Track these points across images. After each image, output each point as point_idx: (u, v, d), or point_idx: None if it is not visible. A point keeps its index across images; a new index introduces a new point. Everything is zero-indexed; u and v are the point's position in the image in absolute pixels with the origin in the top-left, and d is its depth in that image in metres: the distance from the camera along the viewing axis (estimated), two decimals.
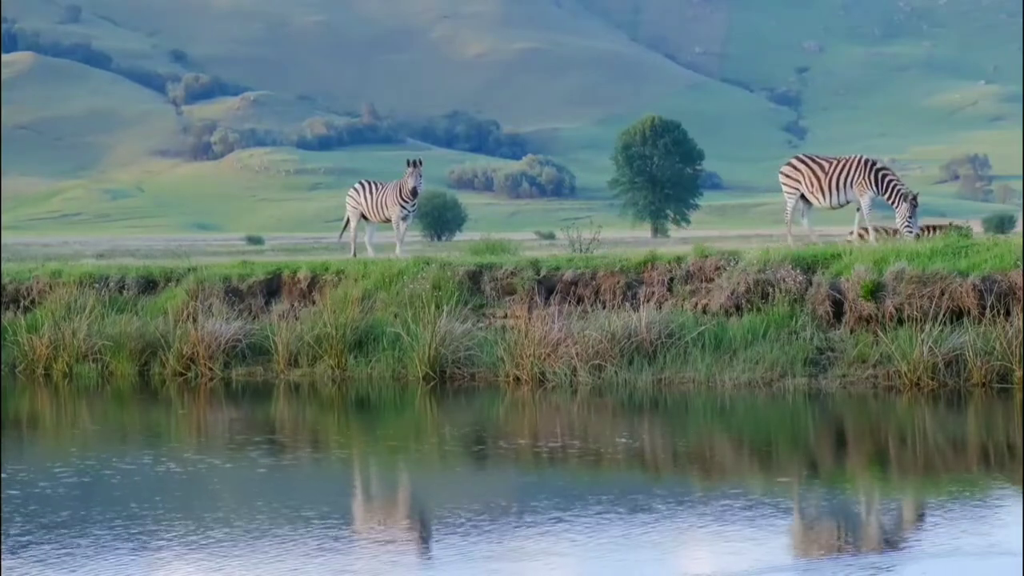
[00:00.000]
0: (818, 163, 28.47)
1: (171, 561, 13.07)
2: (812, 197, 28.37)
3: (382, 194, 30.88)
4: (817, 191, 28.22)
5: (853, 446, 19.87)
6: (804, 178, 28.36)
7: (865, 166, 28.13)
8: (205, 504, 15.95)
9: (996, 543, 13.20)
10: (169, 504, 15.73)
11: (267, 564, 12.80)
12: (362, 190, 31.28)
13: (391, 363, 26.52)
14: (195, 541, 13.75)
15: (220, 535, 14.01)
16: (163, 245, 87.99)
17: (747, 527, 14.05)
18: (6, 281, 31.35)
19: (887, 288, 24.46)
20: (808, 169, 28.41)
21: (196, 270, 30.46)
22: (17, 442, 21.07)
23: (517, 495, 16.54)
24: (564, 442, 19.90)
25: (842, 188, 28.08)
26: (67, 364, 28.66)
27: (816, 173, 28.29)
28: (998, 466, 17.85)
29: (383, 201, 30.77)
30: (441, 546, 13.64)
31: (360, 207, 31.13)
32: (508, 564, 12.82)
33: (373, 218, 31.16)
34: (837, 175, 28.08)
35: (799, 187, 28.44)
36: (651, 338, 25.02)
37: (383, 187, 31.08)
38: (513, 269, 27.61)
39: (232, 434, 21.50)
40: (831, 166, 28.26)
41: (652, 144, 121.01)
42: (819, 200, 28.31)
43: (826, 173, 28.19)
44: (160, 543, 13.70)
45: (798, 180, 28.46)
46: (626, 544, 13.42)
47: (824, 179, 28.16)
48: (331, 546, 13.50)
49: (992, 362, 23.31)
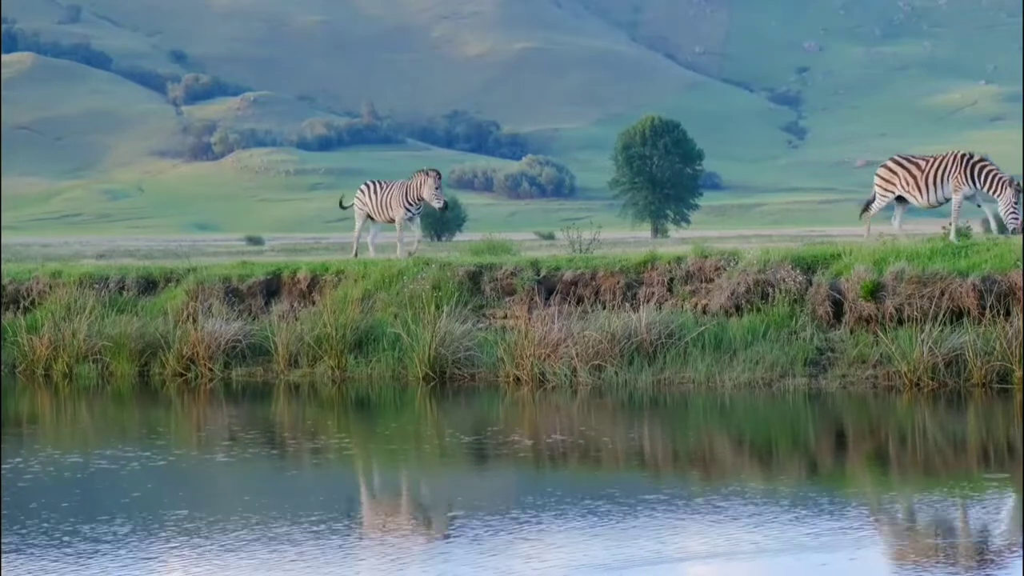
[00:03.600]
0: (914, 162, 28.27)
1: (171, 561, 13.06)
2: (910, 196, 28.14)
3: (387, 193, 30.76)
4: (914, 190, 27.99)
5: (853, 446, 19.87)
6: (900, 179, 28.12)
7: (961, 161, 27.81)
8: (205, 504, 15.95)
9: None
10: (169, 504, 15.73)
11: (267, 564, 12.80)
12: (367, 190, 31.16)
13: (391, 363, 26.52)
14: (196, 541, 13.75)
15: (221, 535, 14.00)
16: (163, 245, 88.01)
17: (747, 527, 14.04)
18: (6, 281, 31.35)
19: (887, 288, 24.46)
20: (904, 170, 28.18)
21: (196, 270, 30.46)
22: (17, 442, 21.07)
23: (517, 495, 16.54)
24: (564, 442, 19.90)
25: (939, 185, 27.78)
26: (67, 364, 28.66)
27: (912, 172, 28.05)
28: (998, 466, 17.85)
29: (388, 201, 30.66)
30: (441, 546, 13.64)
31: (366, 207, 31.01)
32: (508, 564, 12.81)
33: (378, 218, 31.04)
34: (934, 173, 27.83)
35: (895, 188, 28.23)
36: (651, 338, 25.02)
37: (389, 186, 30.95)
38: (513, 269, 27.61)
39: (232, 434, 21.49)
40: (927, 164, 28.05)
41: (652, 144, 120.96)
42: (917, 199, 28.09)
43: (923, 172, 27.94)
44: (160, 543, 13.70)
45: (893, 182, 28.23)
46: (626, 544, 13.42)
47: (921, 178, 27.89)
48: (331, 546, 13.50)
49: (992, 362, 23.31)
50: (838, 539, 13.60)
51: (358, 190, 31.55)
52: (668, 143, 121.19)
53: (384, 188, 30.95)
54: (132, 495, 16.44)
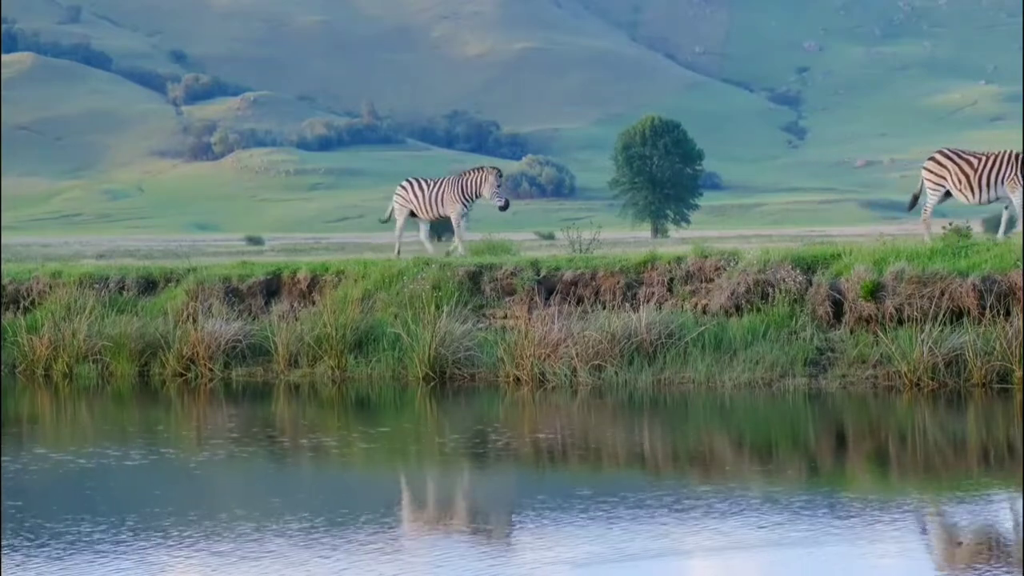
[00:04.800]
0: (965, 159, 27.29)
1: (171, 561, 13.06)
2: (959, 194, 27.26)
3: (437, 190, 30.51)
4: (965, 188, 27.09)
5: (853, 446, 19.86)
6: (951, 174, 27.18)
7: (1017, 161, 27.00)
8: (206, 504, 15.95)
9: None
10: (169, 504, 15.73)
11: (268, 564, 12.80)
12: (410, 187, 30.89)
13: (391, 363, 26.52)
14: (195, 541, 13.75)
15: (221, 535, 14.00)
16: (163, 245, 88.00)
17: (747, 527, 14.05)
18: (6, 281, 31.34)
19: (887, 288, 24.46)
20: (955, 165, 27.22)
21: (196, 270, 30.46)
22: (17, 442, 21.06)
23: (517, 495, 16.54)
24: (564, 442, 19.90)
25: (993, 185, 26.91)
26: (67, 364, 28.65)
27: (964, 169, 27.11)
28: (998, 466, 17.85)
29: (439, 198, 30.32)
30: (441, 545, 13.64)
31: (409, 204, 30.75)
32: (508, 563, 12.81)
33: (424, 215, 30.76)
34: (988, 171, 26.94)
35: (944, 183, 27.30)
36: (651, 338, 25.01)
37: (437, 183, 30.68)
38: (513, 269, 27.61)
39: (232, 434, 21.48)
40: (980, 162, 27.11)
41: (652, 144, 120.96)
42: (967, 197, 27.21)
43: (975, 169, 27.04)
44: (160, 543, 13.70)
45: (944, 176, 27.28)
46: (626, 544, 13.42)
47: (973, 176, 27.00)
48: (330, 546, 13.49)
49: (992, 362, 23.31)
50: (838, 539, 13.60)
51: (399, 187, 31.28)
52: (668, 143, 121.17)
53: (431, 185, 30.63)
54: (132, 495, 16.44)
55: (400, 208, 30.84)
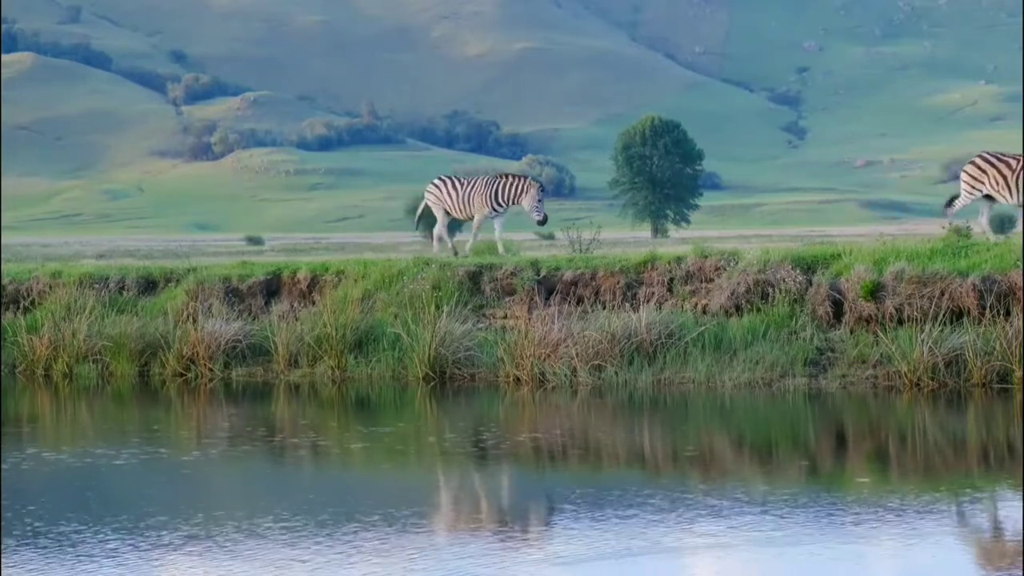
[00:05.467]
0: (1004, 161, 27.91)
1: (171, 561, 13.06)
2: (998, 195, 27.87)
3: (470, 190, 30.42)
4: (1004, 189, 27.70)
5: (853, 446, 19.86)
6: (989, 177, 27.78)
7: None
8: (205, 504, 15.94)
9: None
10: (169, 504, 15.73)
11: (268, 564, 12.80)
12: (444, 185, 30.82)
13: (391, 363, 26.52)
14: (195, 541, 13.75)
15: (220, 535, 14.00)
16: (163, 245, 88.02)
17: (747, 526, 14.05)
18: (6, 281, 31.34)
19: (887, 288, 24.47)
20: (994, 169, 27.85)
21: (196, 270, 30.46)
22: (17, 442, 21.06)
23: (517, 495, 16.54)
24: (564, 442, 19.90)
25: None
26: (67, 364, 28.65)
27: (1002, 172, 27.73)
28: (998, 466, 17.85)
29: (470, 198, 30.32)
30: (441, 545, 13.64)
31: (444, 202, 30.73)
32: (508, 562, 12.81)
33: (458, 214, 30.74)
34: None
35: (983, 186, 27.92)
36: (651, 338, 25.01)
37: (471, 182, 30.62)
38: (513, 269, 27.61)
39: (232, 434, 21.49)
40: (1019, 164, 27.74)
41: (652, 144, 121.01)
42: (1006, 198, 27.85)
43: (1013, 171, 27.64)
44: (160, 543, 13.70)
45: (983, 180, 27.89)
46: (626, 543, 13.42)
47: (1012, 177, 27.60)
48: (330, 545, 13.50)
49: (992, 362, 23.31)
50: (838, 539, 13.60)
51: (431, 184, 31.15)
52: (668, 143, 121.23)
53: (465, 184, 30.58)
54: (132, 495, 16.44)
55: (435, 205, 30.75)
